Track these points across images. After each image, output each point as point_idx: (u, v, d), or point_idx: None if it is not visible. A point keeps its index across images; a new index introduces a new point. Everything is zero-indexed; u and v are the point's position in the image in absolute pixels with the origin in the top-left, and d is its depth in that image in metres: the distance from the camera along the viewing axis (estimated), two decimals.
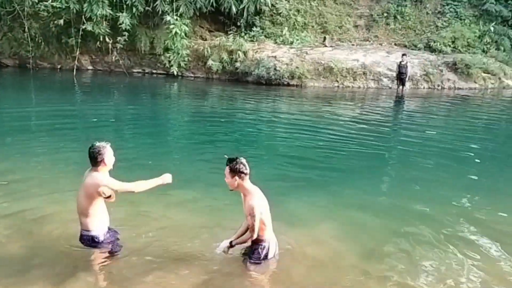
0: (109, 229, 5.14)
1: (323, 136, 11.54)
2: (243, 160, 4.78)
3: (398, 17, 22.27)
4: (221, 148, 9.81)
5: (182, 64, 20.50)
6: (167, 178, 5.02)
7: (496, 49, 21.19)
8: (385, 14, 22.35)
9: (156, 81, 20.63)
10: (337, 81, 19.36)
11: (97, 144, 4.83)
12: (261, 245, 4.97)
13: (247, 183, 4.80)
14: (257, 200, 4.75)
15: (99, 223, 4.99)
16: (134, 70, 21.71)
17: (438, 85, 19.43)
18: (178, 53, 20.08)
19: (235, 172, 4.73)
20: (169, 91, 19.45)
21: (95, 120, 12.80)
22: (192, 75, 21.17)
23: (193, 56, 20.84)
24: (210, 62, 20.27)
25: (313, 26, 22.15)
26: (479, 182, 8.31)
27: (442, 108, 16.47)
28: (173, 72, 20.41)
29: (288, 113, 15.02)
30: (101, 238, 5.03)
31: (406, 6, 22.32)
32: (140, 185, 4.88)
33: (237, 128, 12.43)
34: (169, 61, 20.37)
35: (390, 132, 12.93)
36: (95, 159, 4.79)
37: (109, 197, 4.84)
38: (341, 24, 22.28)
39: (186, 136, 11.89)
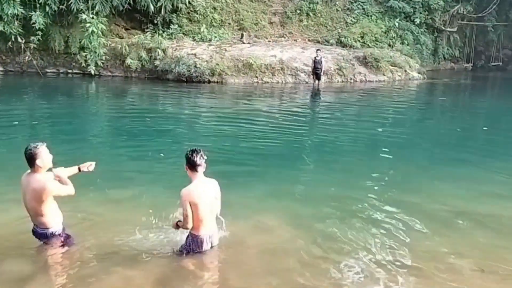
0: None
1: (245, 129, 11.97)
2: (193, 153, 4.98)
3: (311, 14, 23.27)
4: (146, 147, 9.91)
5: (100, 63, 20.05)
6: (90, 165, 5.25)
7: (401, 43, 22.84)
8: (298, 11, 23.26)
9: (72, 81, 19.99)
10: (257, 77, 19.90)
11: (32, 145, 4.80)
12: (190, 237, 5.13)
13: (193, 174, 5.01)
14: (187, 190, 4.92)
15: (56, 218, 5.03)
16: (48, 70, 20.88)
17: (351, 78, 20.59)
18: (95, 52, 19.62)
19: (186, 162, 5.01)
20: (87, 90, 18.93)
21: (15, 123, 12.29)
22: (110, 74, 20.76)
23: (110, 55, 20.44)
24: (128, 60, 20.00)
25: (230, 23, 22.55)
26: (393, 164, 9.12)
27: (355, 99, 17.54)
28: (90, 71, 19.90)
29: (211, 109, 15.30)
30: (62, 234, 5.09)
31: (317, 3, 23.37)
32: (69, 187, 5.00)
33: (161, 126, 12.47)
34: (86, 60, 19.83)
35: (311, 123, 13.65)
36: (31, 160, 4.77)
37: None
38: (256, 21, 22.88)
39: (109, 137, 11.78)
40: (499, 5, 25.80)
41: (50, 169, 4.98)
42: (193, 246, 5.14)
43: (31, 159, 4.74)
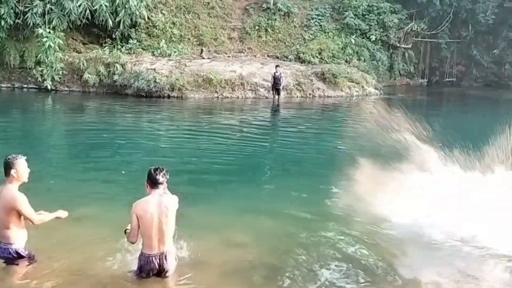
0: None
1: (206, 144, 12.02)
2: (156, 171, 5.00)
3: (269, 30, 23.61)
4: (103, 163, 9.83)
5: (56, 77, 19.73)
6: (63, 213, 5.33)
7: (357, 60, 23.41)
8: (257, 27, 23.57)
9: (28, 96, 19.57)
10: (217, 92, 19.97)
11: (11, 156, 4.95)
12: (140, 255, 5.05)
13: (152, 191, 5.00)
14: (136, 202, 4.94)
15: (20, 235, 5.00)
16: (3, 85, 20.37)
17: (310, 94, 20.90)
18: (52, 67, 19.31)
19: (147, 179, 5.04)
20: (43, 106, 18.59)
21: None
22: (67, 89, 20.42)
23: (67, 70, 20.13)
24: (86, 75, 19.74)
25: (189, 39, 22.63)
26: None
27: (313, 114, 17.83)
28: (46, 86, 19.55)
29: (171, 124, 15.26)
30: (25, 252, 5.05)
31: (275, 20, 23.74)
32: (42, 218, 5.09)
33: (119, 142, 12.38)
34: (42, 75, 19.49)
35: (271, 137, 13.81)
36: (6, 169, 4.90)
37: None
38: (216, 37, 23.04)
39: (65, 153, 11.61)
40: (452, 22, 26.81)
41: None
42: (140, 263, 5.06)
43: (6, 167, 4.90)
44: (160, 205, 4.95)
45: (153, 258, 4.96)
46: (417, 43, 26.96)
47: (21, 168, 4.93)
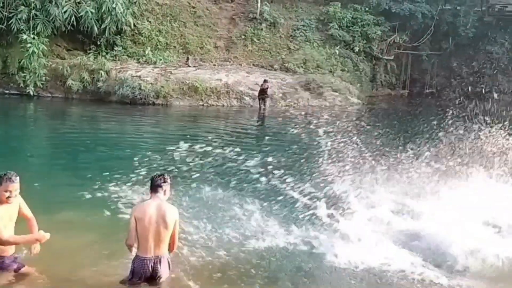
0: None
1: (190, 151, 12.02)
2: (157, 176, 5.20)
3: (255, 39, 23.75)
4: (85, 171, 9.75)
5: (39, 83, 19.51)
6: (43, 235, 5.14)
7: (341, 70, 23.70)
8: (243, 37, 23.70)
9: (10, 102, 19.31)
10: (202, 100, 19.98)
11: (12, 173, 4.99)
12: (135, 258, 5.07)
13: (152, 195, 5.15)
14: (136, 204, 5.20)
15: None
16: None
17: (294, 103, 21.05)
18: (35, 73, 19.11)
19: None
20: (25, 112, 18.39)
21: None
22: (49, 95, 20.20)
23: (51, 76, 19.93)
24: (69, 81, 19.57)
25: (175, 47, 22.62)
26: None
27: (298, 123, 17.91)
28: (28, 92, 19.31)
29: (155, 131, 15.24)
30: (13, 259, 5.05)
31: (261, 30, 23.91)
32: (16, 239, 5.04)
33: (102, 149, 12.30)
34: (24, 81, 19.25)
35: (256, 144, 13.87)
36: None
37: None
38: (202, 45, 23.08)
39: (47, 159, 11.50)
40: (433, 35, 27.32)
41: None
42: (133, 266, 5.06)
43: None
44: (160, 209, 5.01)
45: (148, 261, 4.98)
46: (399, 55, 27.37)
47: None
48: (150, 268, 4.99)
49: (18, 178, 4.99)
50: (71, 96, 20.03)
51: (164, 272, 5.06)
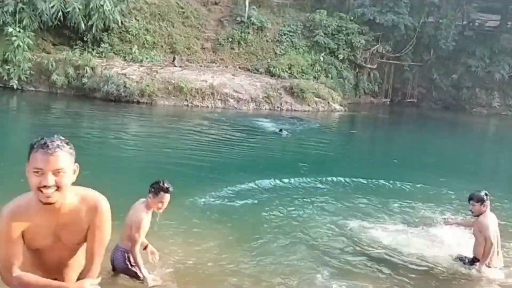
0: None
1: (177, 150, 12.19)
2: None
3: (242, 42, 24.00)
4: None
5: (23, 77, 19.42)
6: None
7: (325, 76, 24.09)
8: (230, 39, 23.92)
9: None
10: (187, 100, 20.11)
11: None
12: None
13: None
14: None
15: None
16: None
17: (278, 107, 21.33)
18: (19, 66, 19.02)
19: None
20: (7, 105, 18.28)
21: None
22: (33, 89, 20.11)
23: (35, 70, 19.84)
24: (54, 76, 19.53)
25: (162, 46, 22.72)
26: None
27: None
28: (12, 85, 19.21)
29: (139, 130, 15.36)
30: None
31: (248, 33, 24.18)
32: None
33: (84, 146, 12.33)
34: (8, 74, 19.14)
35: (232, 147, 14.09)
36: None
37: None
38: (189, 46, 23.23)
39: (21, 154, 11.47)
40: (415, 47, 27.94)
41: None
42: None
43: None
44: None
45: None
46: (382, 64, 27.92)
47: None
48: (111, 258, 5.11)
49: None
50: (56, 91, 19.98)
51: (116, 260, 5.13)
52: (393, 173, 11.20)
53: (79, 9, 19.47)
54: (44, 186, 2.51)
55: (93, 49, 20.89)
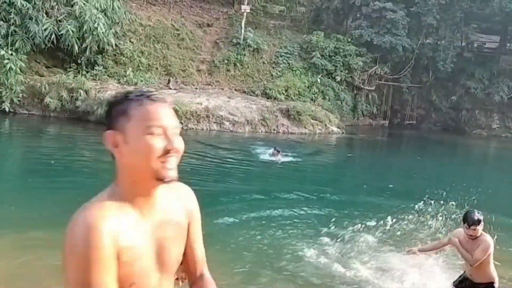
0: None
1: None
2: None
3: (238, 64, 23.81)
4: (60, 194, 9.54)
5: (16, 100, 19.16)
6: None
7: (322, 98, 23.81)
8: (226, 61, 23.74)
9: None
10: (182, 123, 19.76)
11: None
12: None
13: None
14: None
15: None
16: None
17: (274, 129, 21.03)
18: (12, 89, 18.76)
19: None
20: None
21: None
22: (26, 112, 19.85)
23: (28, 92, 19.60)
24: (47, 99, 19.28)
25: (157, 68, 22.53)
26: None
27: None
28: (4, 108, 18.95)
29: None
30: None
31: (244, 55, 24.00)
32: None
33: (75, 172, 12.06)
34: (0, 97, 18.91)
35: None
36: None
37: None
38: (184, 68, 23.03)
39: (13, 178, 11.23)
40: (413, 68, 27.75)
41: None
42: None
43: None
44: None
45: None
46: (380, 86, 27.68)
47: None
48: None
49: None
50: (49, 114, 19.70)
51: None
52: (387, 200, 10.83)
53: (72, 31, 19.27)
54: (168, 152, 1.70)
55: (87, 72, 20.68)
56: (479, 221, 5.47)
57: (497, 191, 15.43)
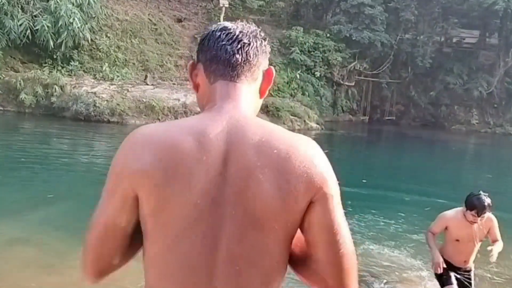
0: None
1: None
2: None
3: None
4: (32, 191, 9.40)
5: None
6: None
7: (302, 94, 23.82)
8: None
9: None
10: (159, 119, 19.63)
11: None
12: None
13: None
14: None
15: None
16: None
17: None
18: None
19: None
20: None
21: None
22: (1, 108, 19.56)
23: (3, 88, 19.32)
24: (22, 95, 19.01)
25: (134, 63, 22.32)
26: None
27: None
28: None
29: (108, 150, 14.83)
30: None
31: None
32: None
33: (49, 168, 11.90)
34: None
35: None
36: None
37: None
38: (162, 63, 22.86)
39: None
40: (392, 64, 27.94)
41: None
42: None
43: None
44: None
45: None
46: (360, 82, 27.81)
47: None
48: None
49: None
50: (24, 110, 19.44)
51: None
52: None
53: (48, 26, 19.03)
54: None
55: (62, 67, 20.43)
56: (489, 206, 4.52)
57: (476, 187, 15.57)
